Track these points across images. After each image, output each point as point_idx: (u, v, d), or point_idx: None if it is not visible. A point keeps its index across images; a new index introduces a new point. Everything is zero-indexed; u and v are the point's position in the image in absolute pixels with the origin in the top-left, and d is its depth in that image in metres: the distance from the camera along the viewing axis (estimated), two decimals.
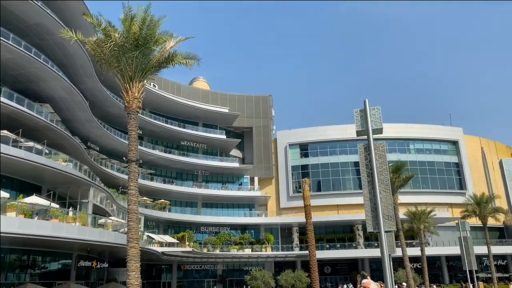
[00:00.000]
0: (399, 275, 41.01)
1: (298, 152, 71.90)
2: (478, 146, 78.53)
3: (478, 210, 53.21)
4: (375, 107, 9.94)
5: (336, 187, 68.28)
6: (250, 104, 71.31)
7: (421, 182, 68.45)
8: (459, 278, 60.38)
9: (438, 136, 72.80)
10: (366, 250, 59.19)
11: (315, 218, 47.55)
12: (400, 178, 39.35)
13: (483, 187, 71.16)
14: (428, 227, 48.75)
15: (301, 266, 53.62)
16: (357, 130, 10.18)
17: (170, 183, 60.27)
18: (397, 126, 71.44)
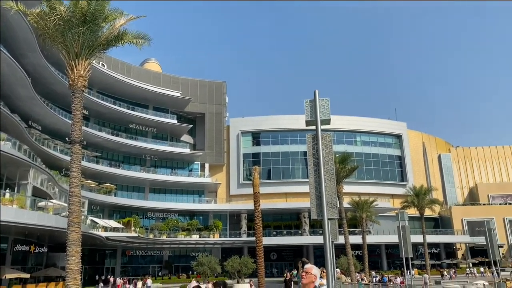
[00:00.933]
0: (340, 262, 42.58)
1: (250, 140, 72.26)
2: (420, 141, 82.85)
3: (416, 201, 56.37)
4: (324, 98, 10.11)
5: (286, 176, 69.51)
6: (203, 89, 70.44)
7: (365, 173, 71.23)
8: (396, 265, 63.85)
9: (384, 130, 75.92)
10: (311, 237, 60.98)
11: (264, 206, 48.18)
12: (346, 168, 40.68)
13: (422, 180, 75.38)
14: (370, 216, 50.95)
15: (248, 252, 54.32)
16: (307, 120, 10.32)
17: (117, 167, 58.57)
18: (346, 118, 73.65)
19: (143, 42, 17.33)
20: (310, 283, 5.04)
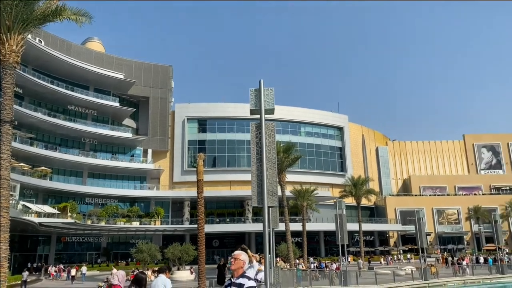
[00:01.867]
0: (281, 248, 43.71)
1: (196, 126, 71.46)
2: (359, 134, 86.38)
3: (354, 191, 58.94)
4: (269, 88, 10.20)
5: (231, 164, 69.67)
6: (148, 73, 68.37)
7: (308, 163, 73.18)
8: (333, 251, 66.55)
9: (327, 122, 78.24)
10: (254, 225, 61.85)
11: (208, 193, 48.01)
12: (290, 158, 41.56)
13: (360, 171, 78.83)
14: (311, 205, 52.64)
15: (190, 240, 54.07)
16: (251, 109, 10.38)
17: (53, 150, 55.59)
18: (292, 109, 75.00)
19: (83, 20, 16.43)
20: (238, 268, 5.13)
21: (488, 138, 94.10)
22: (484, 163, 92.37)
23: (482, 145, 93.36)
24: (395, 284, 32.02)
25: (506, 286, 37.00)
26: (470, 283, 36.41)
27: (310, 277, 28.78)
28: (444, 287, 34.69)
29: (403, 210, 77.20)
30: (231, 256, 5.34)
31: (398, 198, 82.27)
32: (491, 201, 78.54)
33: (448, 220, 79.92)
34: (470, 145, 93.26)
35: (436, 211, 79.77)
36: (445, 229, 78.96)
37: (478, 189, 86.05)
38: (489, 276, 38.57)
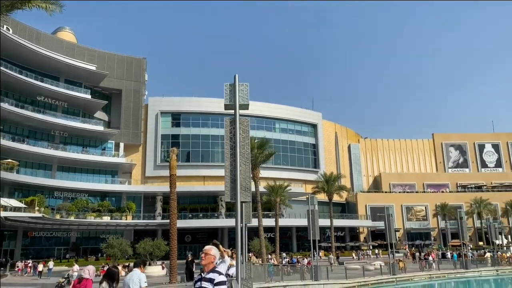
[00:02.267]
0: (253, 244, 43.90)
1: (170, 121, 70.65)
2: (333, 131, 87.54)
3: (326, 187, 59.77)
4: (244, 83, 10.19)
5: (205, 159, 69.30)
6: (121, 65, 67.05)
7: (282, 159, 73.64)
8: (305, 246, 67.33)
9: (301, 119, 78.88)
10: (227, 220, 61.85)
11: (181, 188, 47.74)
12: (264, 154, 41.71)
13: (333, 167, 79.97)
14: (284, 201, 53.02)
15: (162, 235, 53.58)
16: (226, 103, 10.35)
17: (21, 142, 53.82)
18: (268, 105, 75.20)
19: (53, 8, 15.93)
20: (209, 263, 5.15)
21: (456, 138, 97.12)
22: (452, 162, 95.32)
23: (450, 144, 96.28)
24: (364, 279, 32.72)
25: (469, 280, 38.43)
26: (435, 277, 37.61)
27: (282, 272, 29.07)
28: (411, 281, 35.70)
29: (373, 206, 78.81)
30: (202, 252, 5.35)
31: (368, 194, 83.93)
32: (457, 199, 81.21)
33: (416, 216, 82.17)
34: (439, 144, 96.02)
35: (405, 208, 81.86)
36: (413, 225, 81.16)
37: (445, 187, 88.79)
38: (453, 271, 39.95)
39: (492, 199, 78.48)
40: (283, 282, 26.67)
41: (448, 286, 36.37)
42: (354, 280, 31.71)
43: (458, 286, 36.82)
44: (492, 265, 43.35)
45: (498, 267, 43.07)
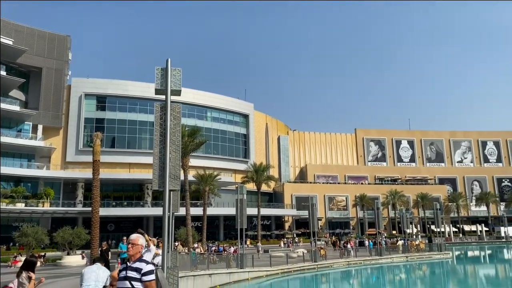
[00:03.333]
0: (180, 233, 43.47)
1: (95, 104, 67.06)
2: (264, 122, 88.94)
3: (255, 177, 60.72)
4: (176, 68, 9.92)
5: (132, 145, 66.90)
6: (42, 41, 62.10)
7: (212, 148, 73.41)
8: (232, 235, 68.02)
9: (233, 108, 79.04)
10: (153, 209, 60.46)
11: (105, 175, 45.69)
12: (194, 142, 41.26)
13: (262, 158, 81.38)
14: (213, 190, 53.02)
15: (83, 223, 51.06)
16: (156, 88, 10.01)
17: None
18: (200, 93, 74.27)
19: None
20: (137, 253, 5.03)
21: (376, 133, 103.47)
22: (371, 156, 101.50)
23: (370, 139, 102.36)
24: (287, 266, 33.90)
25: (383, 266, 41.43)
26: (353, 264, 40.04)
27: (208, 261, 29.13)
28: (331, 268, 37.64)
29: (298, 196, 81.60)
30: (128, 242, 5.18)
31: (295, 185, 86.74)
32: (375, 190, 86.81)
33: (337, 206, 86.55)
34: (361, 138, 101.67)
35: (328, 198, 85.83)
36: (335, 215, 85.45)
37: (364, 179, 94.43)
38: (369, 258, 42.81)
39: (406, 191, 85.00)
40: (209, 271, 26.75)
41: (363, 272, 38.90)
42: (278, 267, 32.74)
43: (373, 272, 39.54)
44: (403, 252, 47.11)
45: (408, 254, 46.92)
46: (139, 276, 4.80)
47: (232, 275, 28.45)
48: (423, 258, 46.87)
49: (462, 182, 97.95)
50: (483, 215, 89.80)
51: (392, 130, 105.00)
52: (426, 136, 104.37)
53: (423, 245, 51.60)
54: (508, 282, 34.66)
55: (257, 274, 30.45)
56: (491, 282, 35.22)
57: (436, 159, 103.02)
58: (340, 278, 36.00)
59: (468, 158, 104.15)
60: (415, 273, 40.54)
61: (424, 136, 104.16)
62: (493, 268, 46.73)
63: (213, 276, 26.54)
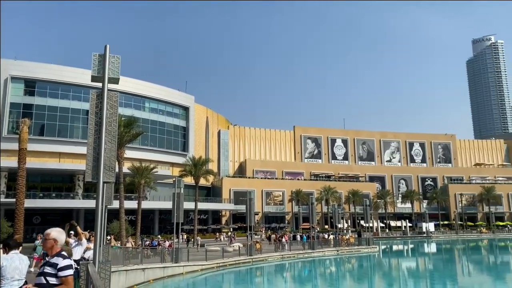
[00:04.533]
0: (113, 226, 41.99)
1: (22, 88, 62.54)
2: (204, 115, 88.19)
3: (194, 170, 60.08)
4: (115, 55, 9.52)
5: (63, 134, 63.30)
6: None
7: (150, 140, 71.53)
8: (167, 229, 66.89)
9: (173, 100, 77.50)
10: (84, 201, 57.76)
11: (32, 164, 42.94)
12: (131, 133, 39.95)
13: (201, 152, 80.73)
14: (149, 183, 51.66)
15: (5, 215, 47.51)
16: (93, 75, 9.54)
17: None
18: (138, 82, 71.92)
19: None
20: (51, 247, 4.84)
21: (313, 131, 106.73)
22: (308, 153, 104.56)
23: (307, 136, 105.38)
24: (223, 260, 34.04)
25: (314, 259, 42.96)
26: (287, 257, 41.13)
27: (142, 255, 28.44)
28: (265, 261, 38.36)
29: (237, 190, 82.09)
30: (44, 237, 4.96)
31: (233, 179, 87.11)
32: (310, 186, 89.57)
33: (274, 201, 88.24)
34: (298, 136, 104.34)
35: (265, 193, 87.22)
36: (271, 209, 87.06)
37: (301, 175, 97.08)
38: (302, 251, 44.21)
39: (338, 188, 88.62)
40: (142, 265, 26.15)
41: (296, 265, 40.09)
42: (214, 262, 32.77)
43: (305, 265, 40.87)
44: (334, 246, 49.20)
45: (338, 247, 49.07)
46: (54, 272, 4.62)
47: (166, 269, 28.04)
48: (353, 251, 49.25)
49: (390, 180, 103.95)
50: (407, 212, 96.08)
51: (328, 128, 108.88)
52: (359, 135, 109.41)
53: (353, 239, 54.19)
54: (426, 274, 37.46)
55: (192, 268, 30.26)
56: (412, 274, 37.88)
57: (367, 158, 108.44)
58: (274, 271, 36.80)
59: (396, 158, 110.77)
60: (345, 266, 42.52)
61: (357, 136, 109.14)
62: (414, 261, 50.27)
63: (147, 270, 25.99)
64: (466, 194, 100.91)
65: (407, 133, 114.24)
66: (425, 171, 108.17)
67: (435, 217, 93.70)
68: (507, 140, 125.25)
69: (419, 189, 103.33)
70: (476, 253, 60.60)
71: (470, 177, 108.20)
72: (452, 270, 39.98)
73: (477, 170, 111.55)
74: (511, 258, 53.49)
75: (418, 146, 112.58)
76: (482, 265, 44.72)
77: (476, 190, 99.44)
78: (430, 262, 48.96)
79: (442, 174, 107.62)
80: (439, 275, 36.19)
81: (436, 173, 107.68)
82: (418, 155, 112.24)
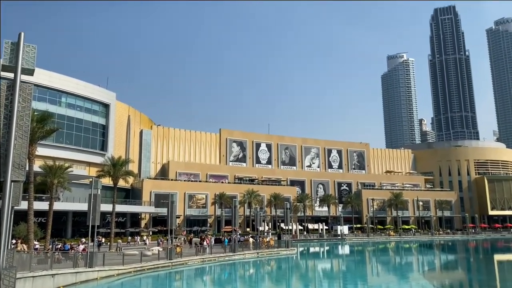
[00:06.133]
0: (19, 229, 38.72)
1: None
2: (126, 114, 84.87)
3: (113, 171, 57.44)
4: (31, 44, 8.85)
5: None
6: None
7: (65, 137, 67.22)
8: (81, 232, 63.13)
9: (93, 96, 73.59)
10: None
11: None
12: (44, 129, 37.22)
13: (122, 151, 77.55)
14: (63, 183, 48.40)
15: None
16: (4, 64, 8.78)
17: None
18: (55, 75, 67.30)
19: None
20: None
21: (239, 135, 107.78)
22: (233, 156, 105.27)
23: (233, 140, 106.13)
24: (141, 264, 33.00)
25: (235, 262, 43.29)
26: (208, 260, 40.96)
27: (52, 260, 26.56)
28: (186, 265, 37.84)
29: (158, 193, 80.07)
30: None
31: (155, 181, 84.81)
32: (234, 189, 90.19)
33: (197, 204, 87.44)
34: (224, 139, 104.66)
35: (188, 196, 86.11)
36: (194, 212, 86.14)
37: (225, 178, 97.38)
38: (223, 254, 44.31)
39: (261, 191, 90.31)
40: (52, 271, 24.44)
41: (217, 268, 40.08)
42: (131, 266, 31.64)
43: (225, 267, 41.01)
44: (254, 249, 49.98)
45: (259, 250, 49.94)
46: None
47: (79, 275, 26.49)
48: (272, 254, 50.44)
49: (309, 185, 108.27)
50: (324, 215, 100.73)
51: (253, 133, 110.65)
52: (282, 141, 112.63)
53: (273, 242, 55.51)
54: (339, 274, 39.56)
55: (107, 273, 28.91)
56: (326, 274, 39.77)
57: (289, 163, 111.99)
58: (194, 275, 36.42)
59: (316, 163, 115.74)
60: (264, 268, 43.38)
61: (281, 141, 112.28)
62: (329, 262, 52.84)
63: (57, 276, 24.34)
64: (377, 199, 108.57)
65: (326, 140, 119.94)
66: (341, 177, 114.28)
67: (349, 221, 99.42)
68: (414, 150, 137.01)
69: (336, 193, 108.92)
70: (384, 255, 65.26)
71: (381, 183, 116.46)
72: (363, 270, 42.64)
73: (388, 177, 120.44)
74: (414, 259, 58.41)
75: (336, 153, 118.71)
76: (389, 265, 48.30)
77: (386, 196, 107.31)
78: (343, 263, 51.79)
79: (357, 180, 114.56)
80: (351, 275, 38.41)
81: (351, 179, 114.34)
82: (336, 161, 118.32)
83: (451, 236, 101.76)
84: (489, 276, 38.13)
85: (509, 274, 40.55)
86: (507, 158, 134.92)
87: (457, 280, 36.38)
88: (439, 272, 41.97)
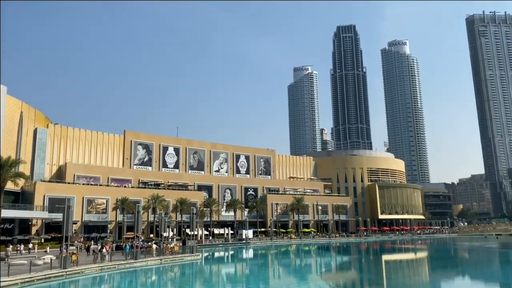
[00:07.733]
0: None
1: None
2: (18, 110, 77.24)
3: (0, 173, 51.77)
4: None
5: None
6: None
7: None
8: None
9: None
10: None
11: None
12: None
13: (11, 151, 70.37)
14: None
15: None
16: None
17: None
18: None
19: None
20: None
21: (145, 137, 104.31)
22: (138, 159, 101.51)
23: (139, 142, 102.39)
24: (31, 275, 30.25)
25: (136, 270, 41.66)
26: (107, 269, 38.82)
27: None
28: (82, 274, 35.45)
29: (53, 197, 74.24)
30: None
31: (50, 184, 78.33)
32: (137, 194, 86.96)
33: (96, 209, 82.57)
34: (129, 141, 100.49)
35: (87, 200, 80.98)
36: (92, 218, 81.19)
37: (129, 182, 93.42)
38: (124, 262, 42.38)
39: (167, 196, 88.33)
40: None
41: (116, 277, 38.16)
42: (18, 277, 28.83)
43: (125, 276, 39.24)
44: (157, 255, 48.60)
45: (162, 256, 48.66)
46: None
47: None
48: (176, 260, 49.50)
49: (217, 189, 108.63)
50: (230, 220, 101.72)
51: (161, 136, 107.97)
52: (191, 145, 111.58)
53: (177, 247, 54.52)
54: (243, 278, 40.23)
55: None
56: (229, 278, 40.17)
57: (198, 167, 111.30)
58: (91, 284, 34.27)
59: (224, 168, 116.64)
60: (166, 275, 42.38)
61: (189, 145, 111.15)
62: (232, 266, 53.42)
63: None
64: (281, 203, 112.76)
65: (235, 146, 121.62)
66: (248, 182, 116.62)
67: (254, 225, 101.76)
68: (315, 158, 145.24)
69: (242, 198, 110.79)
70: (285, 257, 67.86)
71: (285, 188, 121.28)
72: (265, 273, 43.87)
73: (291, 182, 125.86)
74: (313, 261, 61.68)
75: (244, 158, 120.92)
76: (290, 267, 50.38)
77: (289, 200, 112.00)
78: (246, 267, 52.76)
79: (263, 185, 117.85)
80: (253, 278, 39.30)
81: (257, 184, 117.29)
82: (243, 166, 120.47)
83: (345, 238, 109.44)
84: (377, 275, 41.78)
85: (394, 273, 44.83)
86: (395, 167, 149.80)
87: (350, 280, 39.26)
88: (335, 272, 44.88)
